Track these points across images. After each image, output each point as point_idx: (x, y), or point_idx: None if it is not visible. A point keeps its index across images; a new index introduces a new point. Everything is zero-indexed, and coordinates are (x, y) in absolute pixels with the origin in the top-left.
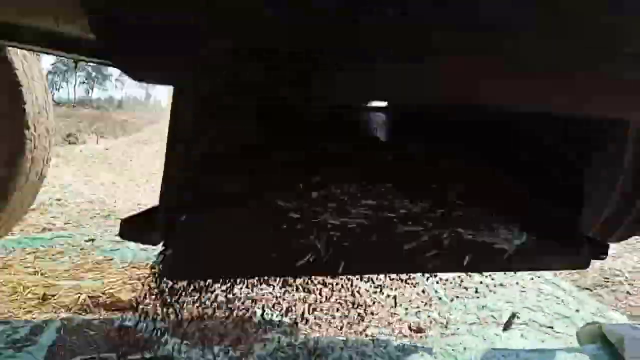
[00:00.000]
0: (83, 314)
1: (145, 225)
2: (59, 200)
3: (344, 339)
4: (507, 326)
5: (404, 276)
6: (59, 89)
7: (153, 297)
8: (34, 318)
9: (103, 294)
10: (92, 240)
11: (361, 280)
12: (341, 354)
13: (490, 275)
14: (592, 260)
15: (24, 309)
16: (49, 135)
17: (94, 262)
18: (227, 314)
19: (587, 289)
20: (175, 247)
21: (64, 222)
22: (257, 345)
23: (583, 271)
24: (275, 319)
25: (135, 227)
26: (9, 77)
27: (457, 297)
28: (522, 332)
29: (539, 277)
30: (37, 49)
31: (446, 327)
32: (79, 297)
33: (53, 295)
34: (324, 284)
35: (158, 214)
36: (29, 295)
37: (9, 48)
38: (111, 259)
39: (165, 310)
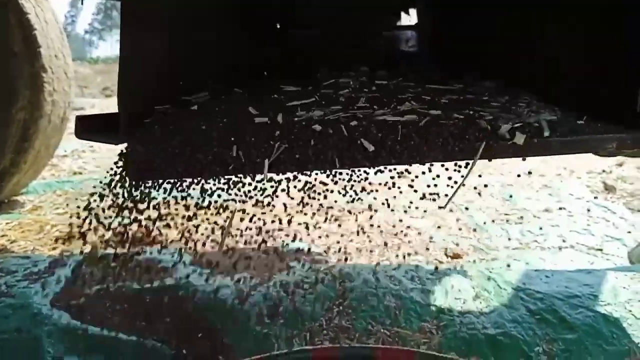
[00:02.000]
0: (108, 249)
1: (104, 125)
2: (91, 147)
3: (374, 264)
4: None
5: (442, 202)
6: (97, 47)
7: (178, 232)
8: (57, 254)
9: (130, 230)
10: None
11: (393, 209)
12: (368, 278)
13: (535, 199)
14: None
15: (49, 245)
16: (68, 79)
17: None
18: (254, 245)
19: (639, 210)
20: (139, 148)
21: (95, 166)
22: (281, 272)
23: (634, 192)
24: (304, 248)
25: (93, 127)
26: (21, 21)
27: (499, 223)
28: (569, 255)
29: (588, 201)
30: None
31: (486, 252)
32: (104, 233)
33: (80, 233)
34: (361, 211)
35: (120, 112)
36: (56, 233)
37: None
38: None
39: (190, 242)
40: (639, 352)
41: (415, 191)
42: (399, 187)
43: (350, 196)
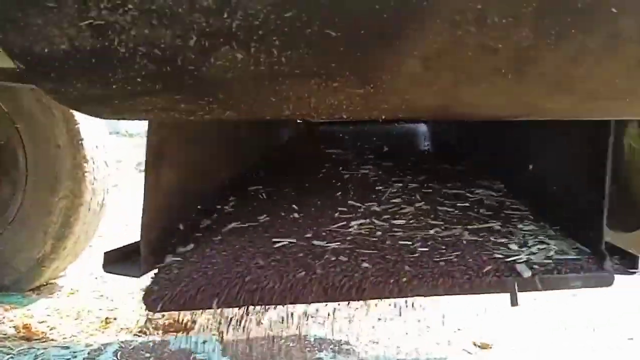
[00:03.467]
0: (142, 336)
1: (128, 259)
2: (127, 226)
3: (400, 356)
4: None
5: None
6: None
7: (209, 318)
8: (94, 342)
9: (162, 316)
10: None
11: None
12: None
13: None
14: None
15: (86, 332)
16: (108, 168)
17: None
18: (281, 333)
19: None
20: (156, 280)
21: None
22: None
23: None
24: (329, 337)
25: (117, 261)
26: (65, 115)
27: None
28: (600, 337)
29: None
30: None
31: (515, 340)
32: (139, 319)
33: (115, 319)
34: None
35: (140, 247)
36: (92, 319)
37: None
38: None
39: (220, 331)
40: None
41: None
42: None
43: None
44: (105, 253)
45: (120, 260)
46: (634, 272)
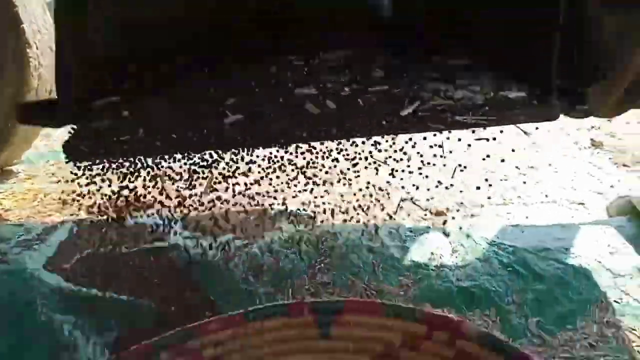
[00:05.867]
0: (100, 215)
1: (45, 110)
2: None
3: (355, 223)
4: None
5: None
6: None
7: (168, 194)
8: (50, 221)
9: (122, 199)
10: None
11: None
12: (349, 238)
13: (521, 156)
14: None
15: (43, 213)
16: (53, 53)
17: None
18: (243, 207)
19: (625, 165)
20: (79, 130)
21: None
22: (267, 234)
23: (622, 147)
24: (292, 210)
25: (34, 112)
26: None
27: (485, 180)
28: (551, 210)
29: (574, 157)
30: None
31: (469, 209)
32: (97, 200)
33: (73, 200)
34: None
35: (58, 97)
36: (50, 201)
37: None
38: None
39: (181, 206)
40: (606, 301)
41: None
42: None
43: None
44: (18, 105)
45: (37, 112)
46: (584, 109)
